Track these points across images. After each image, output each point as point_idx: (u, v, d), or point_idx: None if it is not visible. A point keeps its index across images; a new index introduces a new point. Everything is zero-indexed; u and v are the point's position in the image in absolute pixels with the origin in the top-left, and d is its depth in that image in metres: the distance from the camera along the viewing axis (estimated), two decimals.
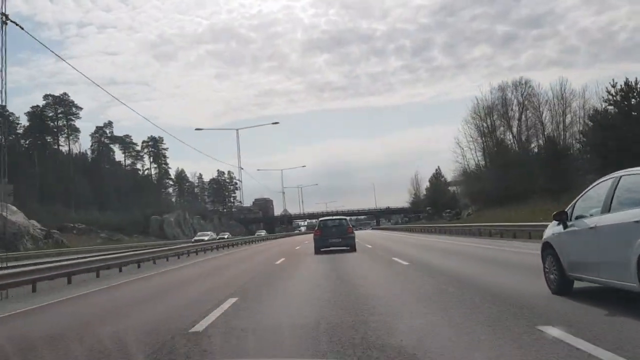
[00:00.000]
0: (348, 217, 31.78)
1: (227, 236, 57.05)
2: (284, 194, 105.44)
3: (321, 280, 10.23)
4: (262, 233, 68.81)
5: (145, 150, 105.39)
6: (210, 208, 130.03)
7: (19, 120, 78.35)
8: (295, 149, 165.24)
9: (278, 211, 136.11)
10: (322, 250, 19.03)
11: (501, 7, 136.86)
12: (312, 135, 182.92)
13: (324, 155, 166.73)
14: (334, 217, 23.13)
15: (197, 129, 73.86)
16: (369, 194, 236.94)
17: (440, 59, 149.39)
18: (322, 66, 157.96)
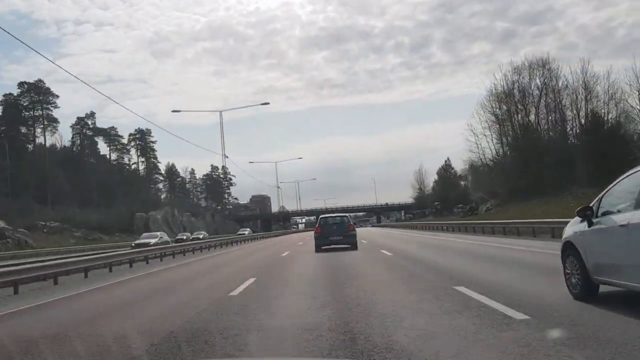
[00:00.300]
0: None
1: (202, 236, 50.74)
2: (279, 188, 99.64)
3: None
4: (245, 232, 61.83)
5: (132, 143, 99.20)
6: (204, 205, 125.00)
7: None
8: (293, 146, 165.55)
9: (276, 208, 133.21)
10: (322, 248, 18.50)
11: (500, 3, 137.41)
12: (310, 133, 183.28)
13: (322, 152, 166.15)
14: (335, 215, 22.55)
15: (174, 111, 67.86)
16: (367, 191, 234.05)
17: (439, 56, 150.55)
18: (321, 63, 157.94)
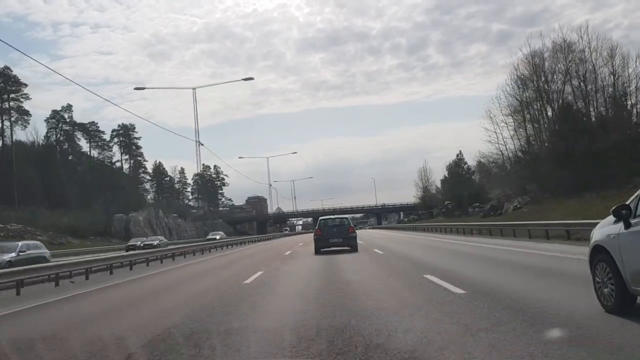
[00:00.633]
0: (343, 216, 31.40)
1: (157, 243, 41.40)
2: (271, 186, 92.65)
3: None
4: (217, 236, 53.28)
5: (115, 139, 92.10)
6: (194, 206, 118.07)
7: None
8: (290, 147, 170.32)
9: (273, 210, 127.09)
10: (322, 250, 18.59)
11: (496, 5, 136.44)
12: (307, 134, 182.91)
13: (319, 154, 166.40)
14: (335, 216, 22.29)
15: (136, 88, 60.95)
16: (364, 193, 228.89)
17: (436, 58, 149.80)
18: (318, 65, 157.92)
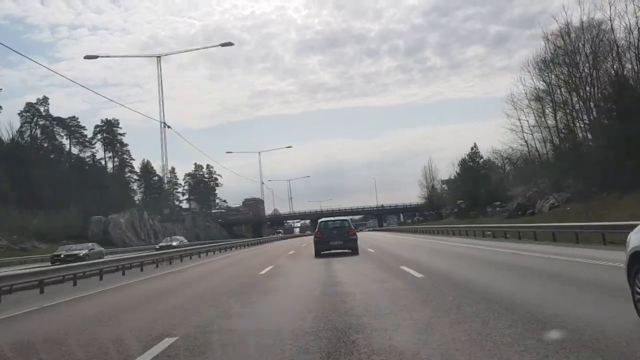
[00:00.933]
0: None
1: (83, 253, 26.95)
2: (263, 184, 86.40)
3: None
4: (174, 242, 40.57)
5: (98, 136, 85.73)
6: (186, 207, 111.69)
7: None
8: (288, 150, 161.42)
9: (273, 212, 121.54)
10: (322, 253, 18.54)
11: (494, 7, 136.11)
12: (306, 136, 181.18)
13: (318, 155, 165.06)
14: (335, 219, 22.02)
15: (86, 57, 54.73)
16: (364, 194, 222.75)
17: (434, 60, 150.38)
18: (316, 67, 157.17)
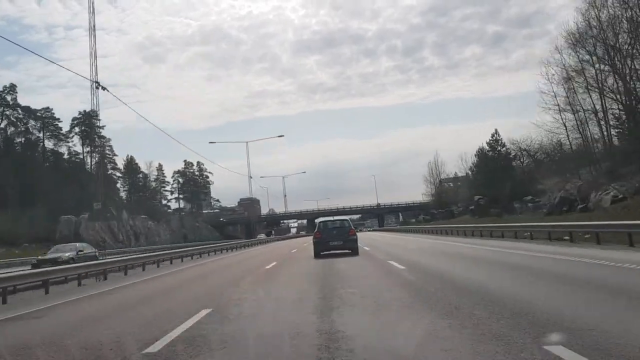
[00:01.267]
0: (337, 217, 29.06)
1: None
2: (251, 178, 79.75)
3: None
4: (67, 254, 21.32)
5: (76, 129, 78.88)
6: (174, 206, 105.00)
7: None
8: (286, 150, 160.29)
9: (269, 211, 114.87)
10: (322, 254, 18.05)
11: (491, 6, 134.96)
12: (304, 137, 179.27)
13: (316, 156, 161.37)
14: (335, 219, 21.74)
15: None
16: (363, 194, 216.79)
17: (431, 60, 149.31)
18: (314, 67, 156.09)
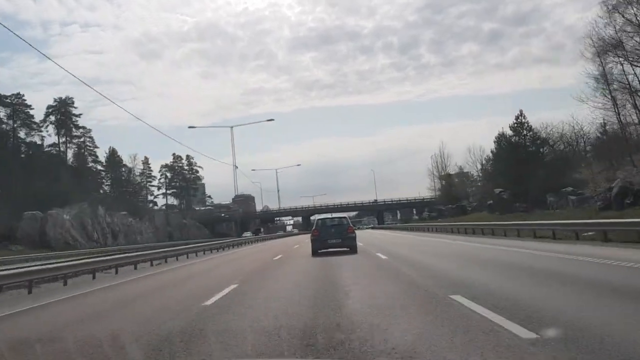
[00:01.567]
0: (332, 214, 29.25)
1: None
2: (236, 168, 73.33)
3: None
4: None
5: (52, 117, 72.41)
6: (162, 203, 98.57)
7: None
8: (281, 148, 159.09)
9: (263, 208, 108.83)
10: (320, 252, 17.92)
11: (488, 4, 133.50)
12: (300, 134, 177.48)
13: (312, 154, 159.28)
14: (333, 216, 21.82)
15: None
16: (360, 192, 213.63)
17: (428, 57, 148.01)
18: (310, 64, 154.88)
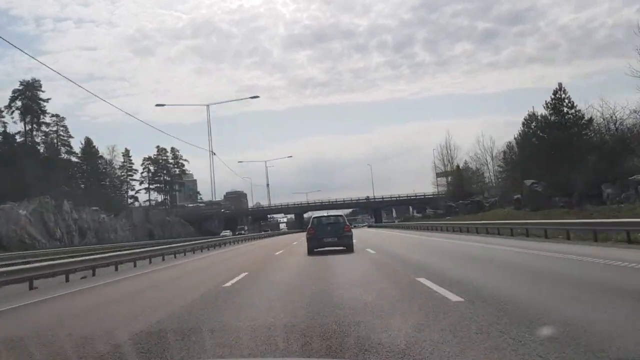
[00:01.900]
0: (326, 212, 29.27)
1: None
2: (214, 154, 66.41)
3: None
4: None
5: (17, 102, 64.97)
6: (144, 198, 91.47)
7: None
8: (275, 146, 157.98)
9: (255, 205, 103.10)
10: (316, 251, 17.68)
11: (482, 3, 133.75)
12: (294, 132, 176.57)
13: (307, 152, 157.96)
14: (329, 214, 22.29)
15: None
16: (355, 190, 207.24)
17: (422, 55, 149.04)
18: (304, 62, 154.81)
